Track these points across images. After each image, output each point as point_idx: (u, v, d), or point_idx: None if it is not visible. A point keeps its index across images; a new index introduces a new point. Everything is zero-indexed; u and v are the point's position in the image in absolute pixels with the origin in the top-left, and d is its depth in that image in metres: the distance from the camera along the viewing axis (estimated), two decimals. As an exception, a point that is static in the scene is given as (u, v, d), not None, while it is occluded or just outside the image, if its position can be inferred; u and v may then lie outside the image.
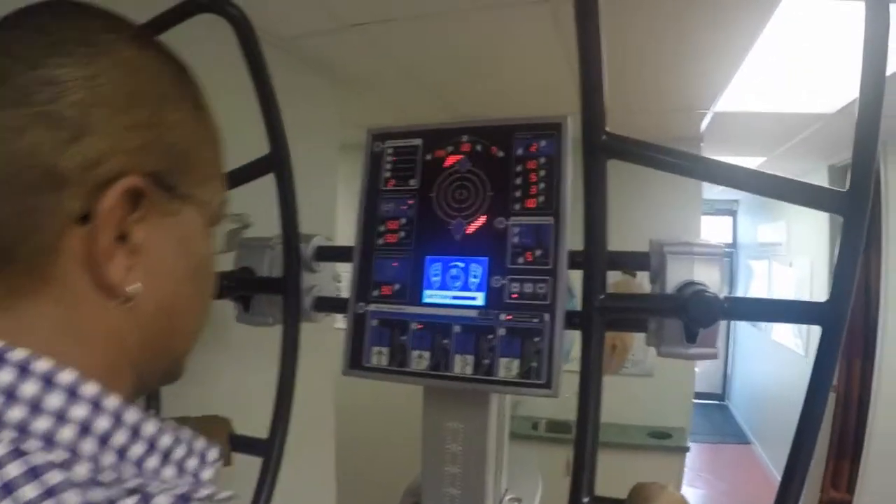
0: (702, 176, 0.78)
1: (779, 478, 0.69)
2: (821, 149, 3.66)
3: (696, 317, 0.74)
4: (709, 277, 0.83)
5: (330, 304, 1.23)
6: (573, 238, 0.93)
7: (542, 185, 0.97)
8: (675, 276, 0.84)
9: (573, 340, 1.00)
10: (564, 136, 0.98)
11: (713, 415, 7.50)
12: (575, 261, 0.96)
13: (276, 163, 1.08)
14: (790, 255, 5.18)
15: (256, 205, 1.11)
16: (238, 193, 1.12)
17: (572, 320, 0.95)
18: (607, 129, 0.80)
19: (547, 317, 0.94)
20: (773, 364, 5.67)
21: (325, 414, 2.38)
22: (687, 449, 3.40)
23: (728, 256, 7.26)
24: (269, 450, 1.13)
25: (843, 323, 0.67)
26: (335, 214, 2.36)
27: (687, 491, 4.63)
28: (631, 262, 1.00)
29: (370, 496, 3.81)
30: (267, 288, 1.20)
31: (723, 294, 0.80)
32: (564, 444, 2.90)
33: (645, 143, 0.80)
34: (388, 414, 3.03)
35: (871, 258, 3.94)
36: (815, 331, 0.71)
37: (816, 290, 4.36)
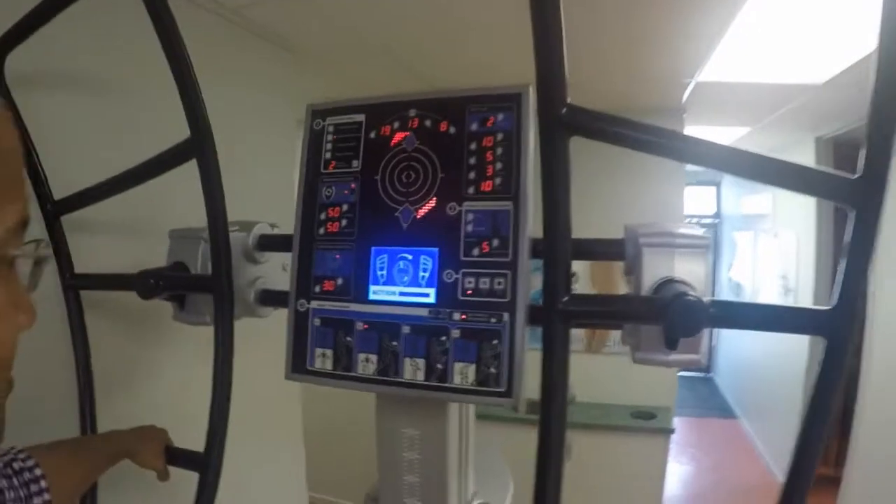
0: (680, 156, 0.66)
1: (764, 454, 0.59)
2: (808, 120, 3.55)
3: (676, 325, 0.61)
4: (692, 274, 0.71)
5: (276, 298, 1.11)
6: (537, 225, 0.81)
7: (499, 165, 0.85)
8: (653, 271, 0.72)
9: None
10: (524, 108, 0.85)
11: (699, 388, 7.49)
12: (538, 250, 0.84)
13: (196, 147, 0.95)
14: (776, 227, 5.09)
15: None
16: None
17: (536, 316, 0.84)
18: (569, 100, 0.67)
19: (506, 317, 0.82)
20: (759, 337, 5.62)
21: (291, 406, 2.26)
22: (672, 431, 3.32)
23: (712, 227, 7.21)
24: (205, 464, 1.01)
25: (849, 334, 0.55)
26: (291, 198, 2.21)
27: (672, 466, 4.59)
28: (602, 251, 0.88)
29: (342, 486, 3.76)
30: (195, 286, 1.07)
31: (707, 295, 0.68)
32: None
33: (613, 117, 0.67)
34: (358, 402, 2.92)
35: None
36: (805, 304, 0.61)
37: (802, 263, 4.27)
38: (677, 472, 4.90)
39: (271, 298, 1.12)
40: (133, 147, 1.10)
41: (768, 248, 5.28)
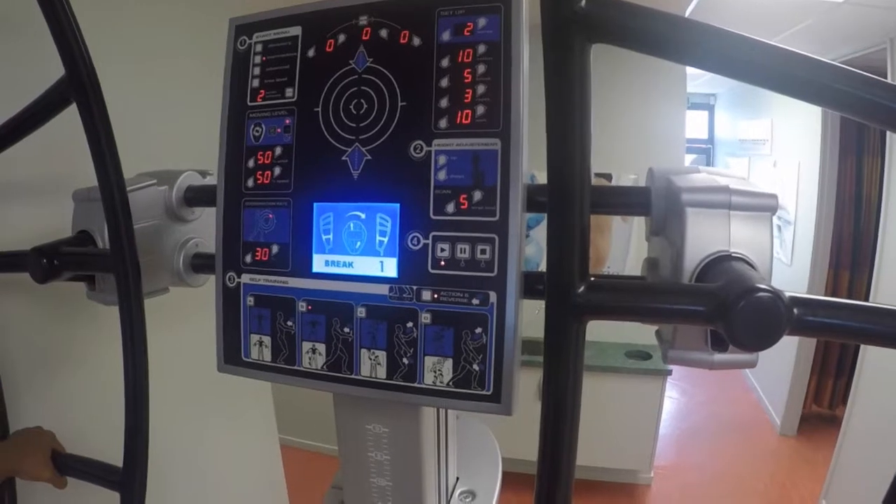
0: (800, 91, 0.43)
1: (762, 394, 0.43)
2: (821, 42, 3.26)
3: (746, 333, 0.39)
4: (753, 246, 0.49)
5: (209, 264, 0.90)
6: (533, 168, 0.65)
7: (481, 89, 0.63)
8: (700, 242, 0.49)
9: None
10: (516, 9, 0.63)
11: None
12: (536, 202, 0.66)
13: (75, 87, 0.72)
14: (774, 155, 4.84)
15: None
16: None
17: (534, 287, 0.66)
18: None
19: (493, 296, 0.63)
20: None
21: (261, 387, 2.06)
22: (669, 372, 3.18)
23: (704, 153, 7.00)
24: (126, 483, 0.81)
25: None
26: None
27: (664, 401, 4.51)
28: (617, 202, 0.69)
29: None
30: (94, 265, 0.86)
31: (769, 276, 0.47)
32: (536, 366, 2.63)
33: (655, 12, 0.44)
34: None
35: (865, 163, 3.67)
36: (800, 239, 0.40)
37: (804, 194, 4.06)
38: (669, 407, 4.82)
39: (204, 265, 0.91)
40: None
41: (765, 176, 5.04)
